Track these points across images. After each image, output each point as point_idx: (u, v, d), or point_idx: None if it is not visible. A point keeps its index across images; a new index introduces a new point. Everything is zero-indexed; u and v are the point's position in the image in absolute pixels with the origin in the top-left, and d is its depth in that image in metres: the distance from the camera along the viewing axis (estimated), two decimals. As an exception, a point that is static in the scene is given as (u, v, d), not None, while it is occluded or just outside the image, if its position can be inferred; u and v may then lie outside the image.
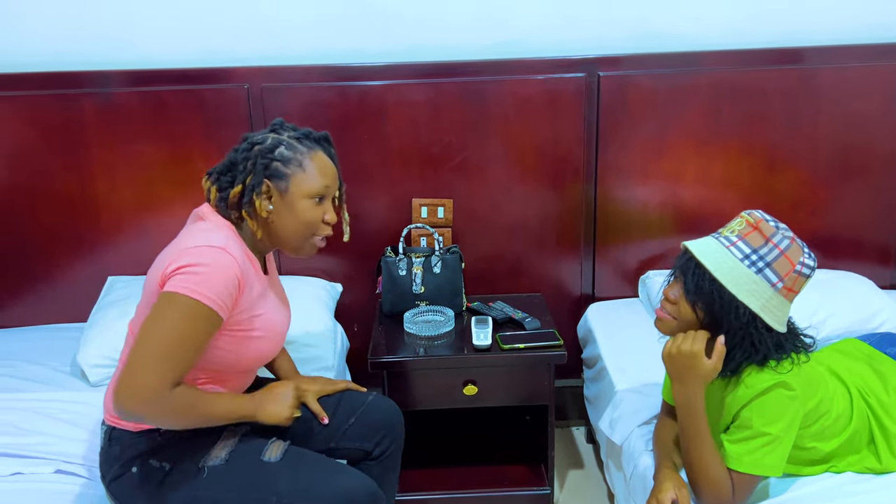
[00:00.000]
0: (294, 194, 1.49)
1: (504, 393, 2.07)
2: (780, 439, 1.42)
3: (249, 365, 1.57)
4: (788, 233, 1.44)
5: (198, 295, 1.36)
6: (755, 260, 1.40)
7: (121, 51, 2.24)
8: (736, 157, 2.32)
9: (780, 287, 1.41)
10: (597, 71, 2.24)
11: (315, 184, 1.50)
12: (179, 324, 1.35)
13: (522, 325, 2.12)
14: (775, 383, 1.42)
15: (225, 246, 1.42)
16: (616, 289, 2.44)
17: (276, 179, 1.48)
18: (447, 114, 2.26)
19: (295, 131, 1.53)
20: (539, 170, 2.32)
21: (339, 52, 2.26)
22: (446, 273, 2.22)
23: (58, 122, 2.22)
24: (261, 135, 1.52)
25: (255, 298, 1.49)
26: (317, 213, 1.52)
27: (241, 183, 1.48)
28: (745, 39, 2.29)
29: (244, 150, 1.50)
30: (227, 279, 1.39)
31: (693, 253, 1.45)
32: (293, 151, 1.49)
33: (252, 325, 1.48)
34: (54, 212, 2.29)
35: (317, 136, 1.54)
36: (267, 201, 1.49)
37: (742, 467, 1.44)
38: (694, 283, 1.43)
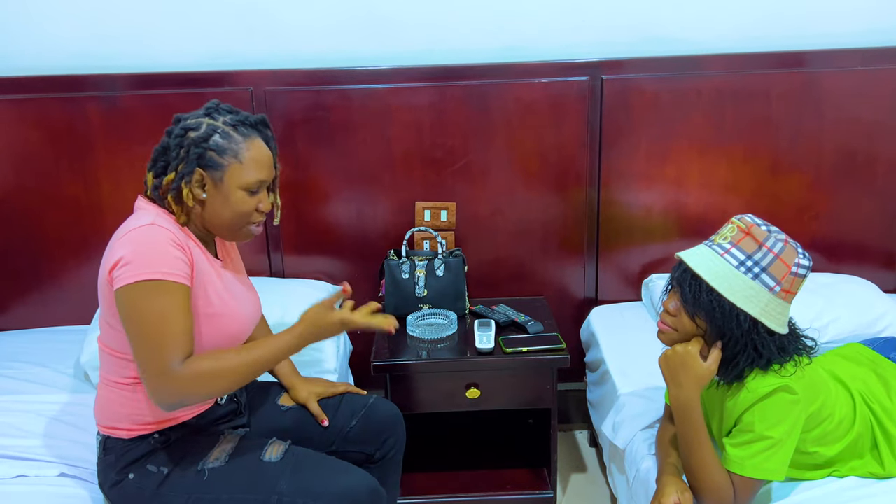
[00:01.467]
0: (229, 185, 1.45)
1: (507, 396, 2.07)
2: (782, 443, 1.42)
3: (221, 345, 1.50)
4: (781, 235, 1.43)
5: (142, 276, 1.34)
6: (751, 266, 1.40)
7: (126, 54, 2.25)
8: (739, 162, 2.32)
9: (777, 290, 1.41)
10: (600, 74, 2.24)
11: (251, 176, 1.46)
12: (146, 308, 1.34)
13: (525, 329, 2.12)
14: (777, 387, 1.42)
15: (152, 222, 1.41)
16: (619, 292, 2.44)
17: (211, 169, 1.44)
18: (450, 117, 2.26)
19: (231, 115, 1.47)
20: (542, 173, 2.32)
21: (342, 56, 2.27)
22: (449, 276, 2.22)
23: (63, 126, 2.23)
24: (194, 119, 1.47)
25: (204, 276, 1.47)
26: (251, 203, 1.48)
27: (174, 170, 1.44)
28: (748, 43, 2.29)
29: (177, 136, 1.45)
30: (164, 247, 1.38)
31: (688, 264, 1.44)
32: (229, 140, 1.44)
33: (206, 302, 1.46)
34: (59, 214, 2.30)
35: (253, 120, 1.49)
36: (199, 190, 1.45)
37: (744, 471, 1.43)
38: (692, 295, 1.43)
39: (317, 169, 2.28)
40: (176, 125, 1.49)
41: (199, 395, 1.40)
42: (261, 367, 1.44)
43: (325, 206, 2.33)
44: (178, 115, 1.51)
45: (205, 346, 1.49)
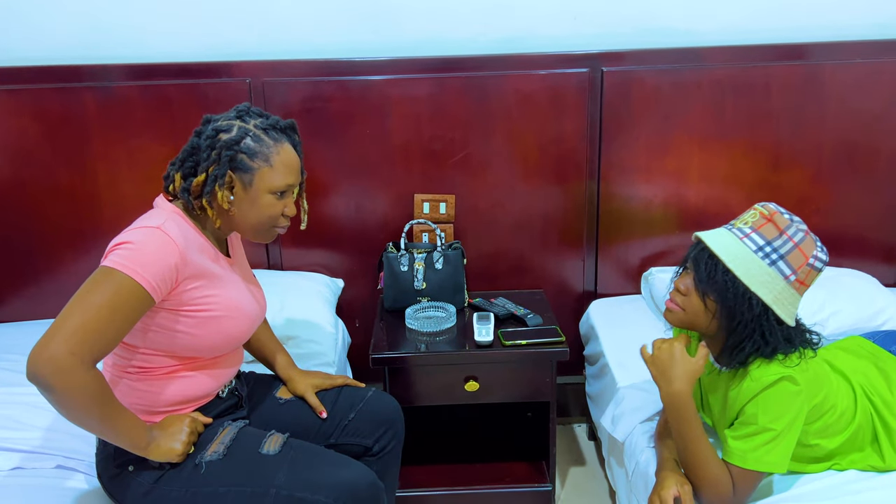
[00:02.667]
0: (258, 189, 1.46)
1: (505, 389, 2.06)
2: (784, 435, 1.41)
3: (220, 346, 1.52)
4: (802, 226, 1.43)
5: (129, 270, 1.33)
6: (769, 252, 1.40)
7: (122, 44, 2.24)
8: (740, 154, 2.31)
9: (792, 280, 1.40)
10: (600, 66, 2.23)
11: (280, 180, 1.47)
12: (106, 296, 1.31)
13: (524, 322, 2.11)
14: (781, 377, 1.42)
15: (160, 225, 1.39)
16: (618, 286, 2.43)
17: (241, 172, 1.45)
18: (450, 109, 2.25)
19: (261, 119, 1.48)
20: (542, 166, 2.31)
21: (341, 47, 2.25)
22: (448, 269, 2.21)
23: (59, 116, 2.21)
24: (226, 121, 1.47)
25: (210, 277, 1.46)
26: (278, 207, 1.50)
27: (205, 171, 1.45)
28: (749, 35, 2.27)
29: (208, 137, 1.45)
30: (160, 257, 1.36)
31: (706, 244, 1.44)
32: (260, 144, 1.45)
33: (209, 305, 1.45)
34: (56, 206, 2.28)
35: (283, 125, 1.50)
36: (229, 192, 1.46)
37: (746, 464, 1.43)
38: (707, 274, 1.43)
39: (315, 161, 2.27)
40: (206, 126, 1.49)
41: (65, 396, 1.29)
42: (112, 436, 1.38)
43: (323, 198, 2.32)
44: (208, 116, 1.51)
45: (205, 347, 1.50)
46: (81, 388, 1.29)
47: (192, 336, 1.47)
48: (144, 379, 1.49)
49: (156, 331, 1.45)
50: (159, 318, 1.44)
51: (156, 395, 1.48)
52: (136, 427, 1.40)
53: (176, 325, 1.44)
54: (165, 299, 1.41)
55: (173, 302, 1.43)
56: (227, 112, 1.51)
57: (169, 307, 1.43)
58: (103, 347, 1.33)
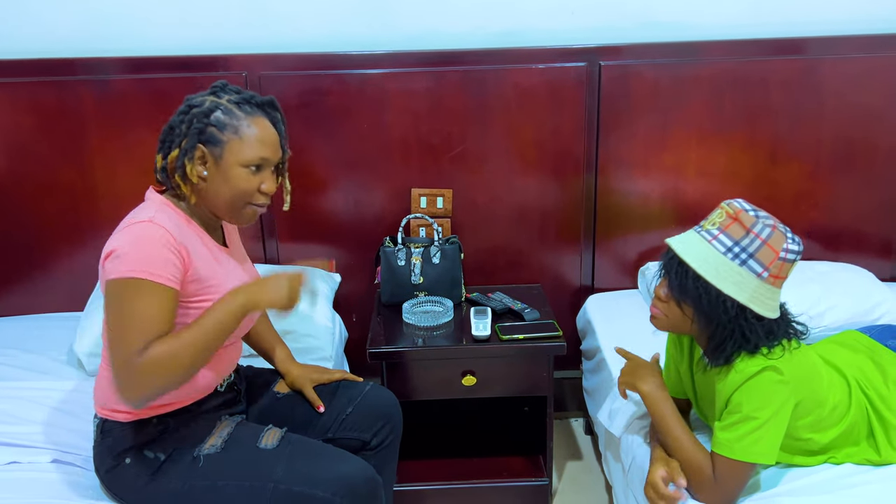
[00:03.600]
0: (228, 161, 1.43)
1: (503, 384, 2.06)
2: (769, 425, 1.41)
3: None
4: (769, 220, 1.42)
5: (131, 273, 1.32)
6: (738, 252, 1.39)
7: (118, 37, 2.23)
8: (738, 149, 2.31)
9: (765, 276, 1.40)
10: (598, 60, 2.22)
11: (251, 153, 1.43)
12: (128, 305, 1.32)
13: (522, 316, 2.11)
14: (764, 367, 1.42)
15: (150, 218, 1.38)
16: (616, 280, 2.43)
17: (211, 145, 1.42)
18: (447, 103, 2.24)
19: (236, 94, 1.46)
20: (540, 160, 2.31)
21: (338, 40, 2.25)
22: (445, 263, 2.21)
23: (55, 110, 2.20)
24: (200, 97, 1.46)
25: (207, 268, 1.45)
26: (252, 182, 1.45)
27: (178, 147, 1.43)
28: (748, 30, 2.27)
29: (181, 113, 1.44)
30: (156, 248, 1.35)
31: (675, 251, 1.44)
32: (230, 117, 1.42)
33: (206, 295, 1.43)
34: (52, 200, 2.28)
35: (260, 100, 1.47)
36: (201, 167, 1.43)
37: (733, 454, 1.42)
38: (678, 281, 1.43)
39: (312, 155, 2.26)
40: (183, 105, 1.48)
41: (163, 380, 1.32)
42: (216, 333, 1.37)
43: (320, 192, 2.31)
44: (188, 96, 1.49)
45: None
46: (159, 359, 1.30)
47: None
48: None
49: None
50: None
51: None
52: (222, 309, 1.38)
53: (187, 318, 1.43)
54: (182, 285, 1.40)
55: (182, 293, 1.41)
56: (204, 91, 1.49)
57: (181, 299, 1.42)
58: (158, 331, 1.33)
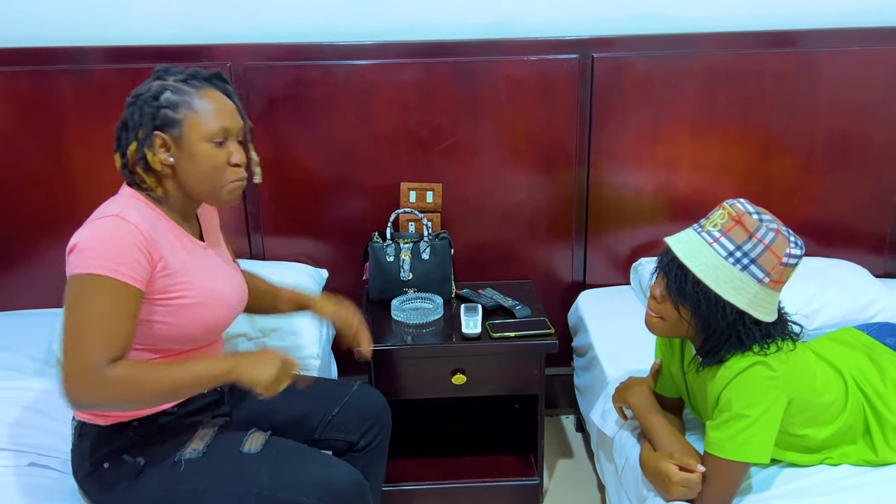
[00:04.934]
0: (190, 139, 1.36)
1: (493, 382, 2.02)
2: (760, 423, 1.38)
3: (198, 336, 1.46)
4: (773, 224, 1.38)
5: (95, 269, 1.27)
6: (739, 257, 1.36)
7: (99, 26, 2.16)
8: (731, 143, 2.28)
9: (766, 282, 1.37)
10: (591, 52, 2.18)
11: (211, 125, 1.37)
12: (89, 303, 1.26)
13: (512, 313, 2.07)
14: (754, 363, 1.39)
15: (118, 213, 1.32)
16: (608, 276, 2.39)
17: (168, 128, 1.36)
18: (437, 95, 2.20)
19: (181, 73, 1.40)
20: (531, 154, 2.26)
21: (325, 30, 2.19)
22: (435, 259, 2.16)
23: (33, 100, 2.14)
24: (145, 85, 1.40)
25: (181, 262, 1.40)
26: (220, 155, 1.39)
27: (135, 139, 1.37)
28: (742, 22, 2.23)
29: (129, 105, 1.38)
30: (123, 245, 1.30)
31: (675, 253, 1.40)
32: (180, 95, 1.36)
33: (181, 291, 1.38)
34: (31, 193, 2.21)
35: (206, 74, 1.41)
36: (164, 153, 1.37)
37: (724, 453, 1.40)
38: (677, 285, 1.39)
39: (298, 147, 2.21)
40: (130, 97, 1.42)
41: (118, 401, 1.28)
42: (192, 387, 1.35)
43: (306, 185, 2.26)
44: (133, 90, 1.44)
45: (183, 337, 1.44)
46: (120, 386, 1.26)
47: (168, 325, 1.41)
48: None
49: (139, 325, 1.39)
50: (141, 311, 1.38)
51: None
52: (206, 366, 1.34)
53: (151, 315, 1.39)
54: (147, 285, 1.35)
55: (149, 290, 1.36)
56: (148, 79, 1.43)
57: (146, 297, 1.37)
58: (116, 344, 1.28)
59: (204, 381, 1.35)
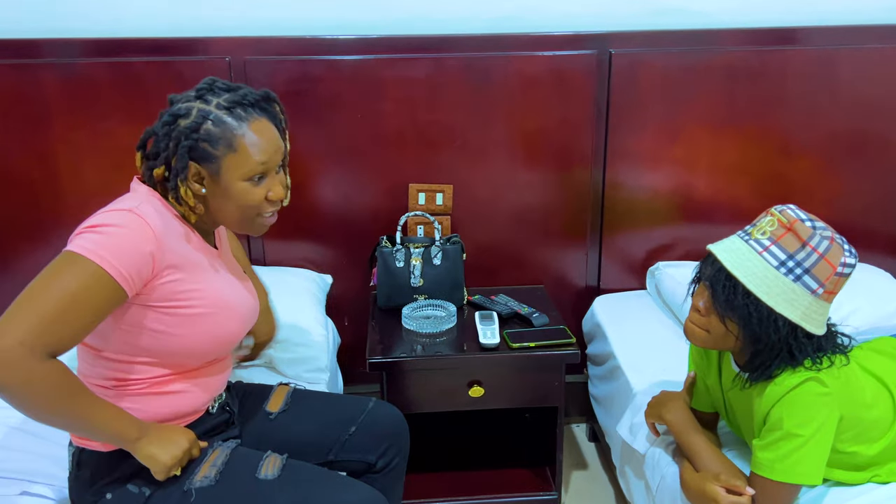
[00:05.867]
0: (227, 177, 1.28)
1: (512, 394, 1.93)
2: (813, 442, 1.31)
3: (208, 350, 1.36)
4: (827, 232, 1.31)
5: (95, 256, 1.16)
6: (792, 267, 1.28)
7: (86, 16, 2.02)
8: (749, 142, 2.20)
9: (820, 293, 1.29)
10: (608, 48, 2.09)
11: (250, 165, 1.28)
12: (67, 285, 1.14)
13: (529, 321, 1.98)
14: (806, 378, 1.31)
15: (134, 208, 1.23)
16: (622, 281, 2.31)
17: (205, 162, 1.27)
18: (447, 92, 2.09)
19: (227, 94, 1.29)
20: (544, 153, 2.17)
21: (330, 23, 2.07)
22: (447, 265, 2.06)
23: (14, 95, 2.00)
24: (185, 102, 1.29)
25: (192, 270, 1.29)
26: (258, 193, 1.31)
27: (164, 163, 1.28)
28: (761, 17, 2.16)
29: (165, 124, 1.28)
30: (134, 243, 1.20)
31: (722, 262, 1.31)
32: (222, 128, 1.26)
33: (192, 301, 1.29)
34: (11, 196, 2.07)
35: (253, 98, 1.31)
36: (198, 185, 1.29)
37: (775, 475, 1.32)
38: (725, 297, 1.31)
39: (301, 147, 2.08)
40: (168, 108, 1.31)
41: (21, 394, 1.13)
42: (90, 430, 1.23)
43: (310, 187, 2.14)
44: (172, 97, 1.33)
45: (191, 351, 1.32)
46: (37, 382, 1.13)
47: (173, 337, 1.29)
48: (122, 394, 1.31)
49: (122, 330, 1.27)
50: (128, 315, 1.26)
51: (135, 413, 1.30)
52: (121, 419, 1.24)
53: (157, 325, 1.27)
54: (140, 293, 1.24)
55: (148, 296, 1.25)
56: (189, 91, 1.32)
57: (140, 302, 1.26)
58: (60, 340, 1.15)
59: (106, 433, 1.23)
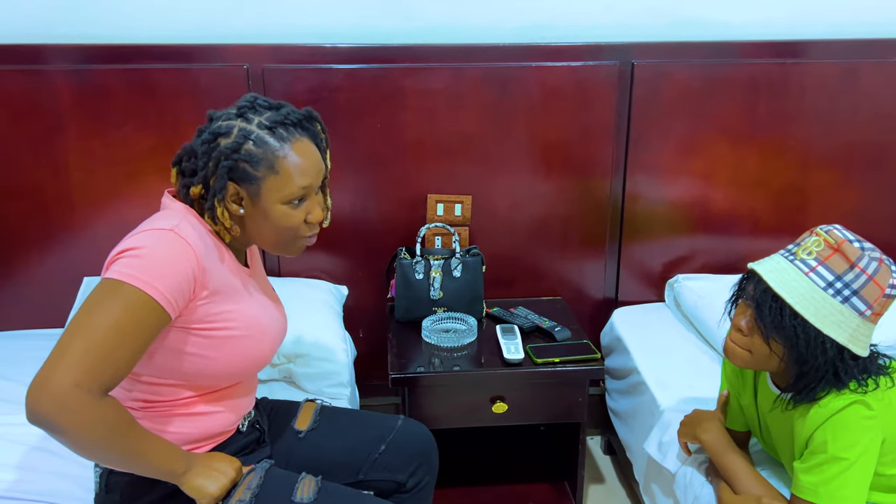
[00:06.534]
0: (267, 200, 1.25)
1: (535, 410, 1.90)
2: (857, 465, 1.29)
3: (238, 372, 1.33)
4: (875, 253, 1.29)
5: (138, 282, 1.13)
6: (840, 288, 1.26)
7: (100, 21, 1.98)
8: (768, 155, 2.19)
9: (868, 314, 1.28)
10: (630, 59, 2.07)
11: (291, 188, 1.25)
12: (113, 315, 1.11)
13: (552, 336, 1.95)
14: (853, 402, 1.30)
15: (174, 227, 1.20)
16: (640, 293, 2.29)
17: (245, 183, 1.24)
18: (468, 102, 2.07)
19: (270, 113, 1.25)
20: (564, 164, 2.15)
21: (350, 31, 2.04)
22: (467, 277, 2.03)
23: (25, 102, 1.95)
24: (226, 120, 1.25)
25: (227, 290, 1.27)
26: (297, 216, 1.28)
27: (202, 182, 1.24)
28: (784, 30, 2.15)
29: (205, 143, 1.24)
30: (176, 265, 1.17)
31: (768, 283, 1.29)
32: (263, 149, 1.22)
33: (226, 322, 1.26)
34: (22, 204, 2.02)
35: (295, 118, 1.27)
36: (236, 206, 1.25)
37: (819, 499, 1.30)
38: (771, 318, 1.29)
39: (319, 157, 2.05)
40: (208, 125, 1.27)
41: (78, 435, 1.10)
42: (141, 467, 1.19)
43: (327, 197, 2.11)
44: (212, 113, 1.29)
45: (221, 373, 1.29)
46: (95, 422, 1.10)
47: (207, 360, 1.26)
48: (150, 415, 1.28)
49: (164, 354, 1.24)
50: (169, 338, 1.23)
51: (164, 435, 1.27)
52: (169, 453, 1.21)
53: (186, 346, 1.24)
54: (180, 315, 1.20)
55: (185, 318, 1.22)
56: (229, 108, 1.28)
57: (180, 325, 1.23)
58: (114, 375, 1.12)
59: (155, 468, 1.19)
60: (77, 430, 1.09)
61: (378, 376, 2.05)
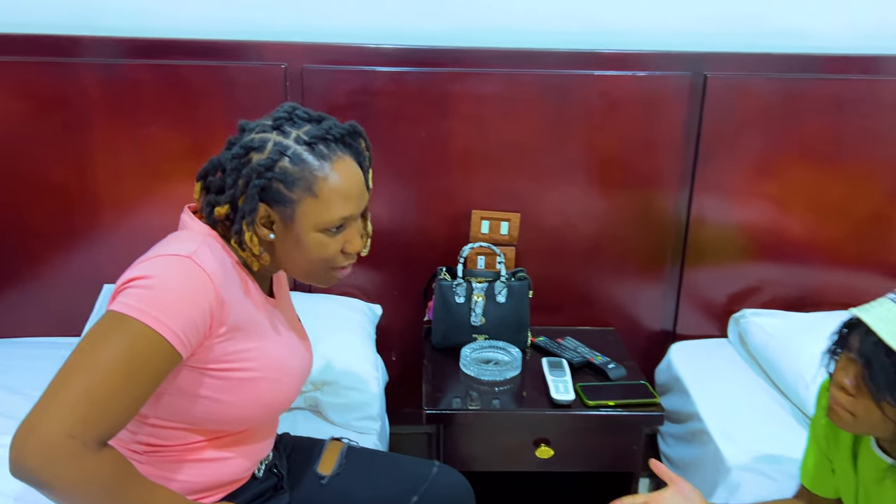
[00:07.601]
0: (301, 226, 1.10)
1: (584, 457, 1.72)
2: None
3: (254, 417, 1.18)
4: None
5: (147, 318, 0.99)
6: None
7: (132, 14, 1.86)
8: (853, 181, 1.98)
9: None
10: (703, 70, 1.88)
11: (330, 214, 1.10)
12: (118, 353, 0.97)
13: (605, 374, 1.77)
14: None
15: (191, 253, 1.05)
16: (700, 326, 2.09)
17: (279, 205, 1.09)
18: (520, 111, 1.90)
19: (310, 126, 1.11)
20: (624, 182, 1.97)
21: (396, 31, 1.89)
22: (512, 303, 1.86)
23: (51, 97, 1.84)
24: (260, 132, 1.10)
25: (249, 327, 1.12)
26: (334, 245, 1.13)
27: (229, 201, 1.10)
28: (874, 43, 1.94)
29: (235, 157, 1.09)
30: (190, 300, 1.02)
31: (879, 335, 1.09)
32: (301, 167, 1.08)
33: (246, 360, 1.12)
34: (45, 205, 1.91)
35: (337, 133, 1.11)
36: (266, 230, 1.11)
37: None
38: (885, 376, 1.09)
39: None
40: (239, 137, 1.12)
41: (70, 492, 0.95)
42: None
43: (364, 209, 1.96)
44: (244, 123, 1.13)
45: (234, 418, 1.14)
46: (88, 479, 0.95)
47: (221, 404, 1.11)
48: (155, 460, 1.14)
49: (173, 395, 1.09)
50: (180, 379, 1.09)
51: (169, 482, 1.13)
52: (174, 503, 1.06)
53: (199, 388, 1.10)
54: (192, 354, 1.06)
55: (199, 358, 1.08)
56: (264, 117, 1.13)
57: (193, 364, 1.08)
58: (114, 423, 0.98)
59: None
60: (66, 486, 0.94)
61: (410, 404, 1.89)
